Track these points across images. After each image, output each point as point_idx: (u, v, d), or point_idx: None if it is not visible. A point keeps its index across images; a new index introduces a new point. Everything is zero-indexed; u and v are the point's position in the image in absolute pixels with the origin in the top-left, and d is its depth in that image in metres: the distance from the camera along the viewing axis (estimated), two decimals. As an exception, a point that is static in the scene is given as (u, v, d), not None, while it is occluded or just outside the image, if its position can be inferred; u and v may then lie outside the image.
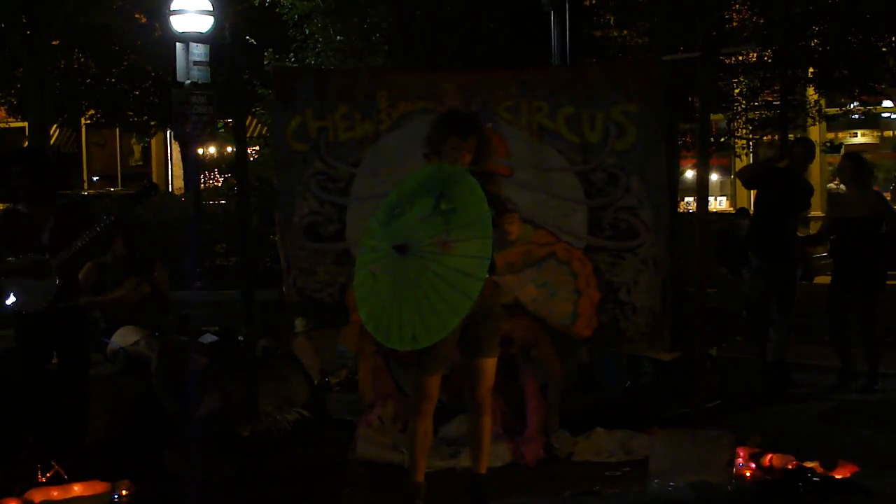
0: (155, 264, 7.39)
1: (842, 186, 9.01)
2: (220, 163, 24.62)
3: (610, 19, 16.65)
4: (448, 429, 6.15)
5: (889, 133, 21.83)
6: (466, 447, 5.30)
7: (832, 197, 8.31)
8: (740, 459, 5.44)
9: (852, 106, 19.20)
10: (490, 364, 4.97)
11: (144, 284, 7.15)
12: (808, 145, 8.29)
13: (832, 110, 19.10)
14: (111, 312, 7.08)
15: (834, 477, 5.28)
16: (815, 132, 19.71)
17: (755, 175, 8.13)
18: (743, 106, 17.50)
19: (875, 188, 8.71)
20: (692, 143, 15.30)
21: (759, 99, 17.84)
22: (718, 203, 20.58)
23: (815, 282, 8.37)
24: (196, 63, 13.60)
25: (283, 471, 5.78)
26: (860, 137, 21.60)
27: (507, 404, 6.19)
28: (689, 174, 17.90)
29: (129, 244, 7.24)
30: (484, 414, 5.01)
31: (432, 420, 4.99)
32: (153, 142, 26.82)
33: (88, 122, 24.20)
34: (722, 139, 18.00)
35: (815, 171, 19.84)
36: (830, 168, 20.78)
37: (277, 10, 16.06)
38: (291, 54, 16.01)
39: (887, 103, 20.53)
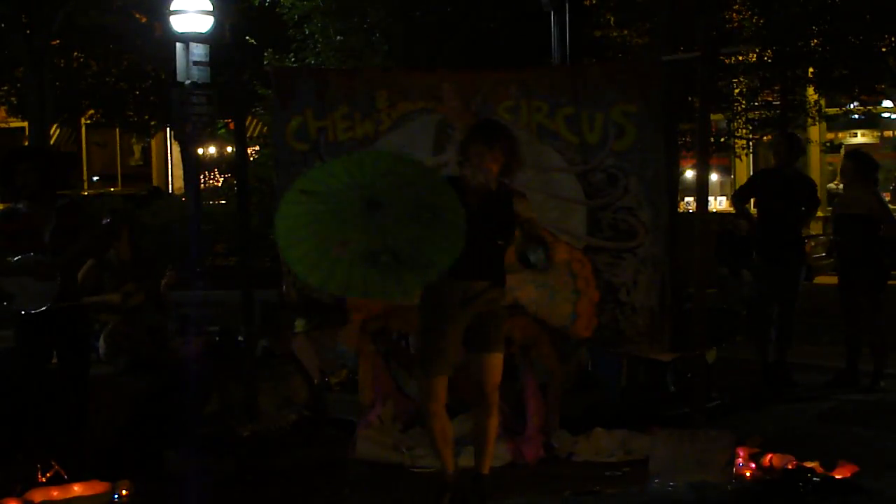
0: (156, 270, 7.38)
1: (840, 186, 8.96)
2: (220, 163, 24.65)
3: (610, 19, 16.67)
4: (448, 429, 6.15)
5: (889, 133, 21.81)
6: (467, 447, 5.29)
7: (837, 196, 8.24)
8: (740, 459, 5.43)
9: (852, 106, 19.18)
10: (497, 359, 4.99)
11: (140, 294, 7.14)
12: (789, 139, 8.21)
13: (832, 110, 19.08)
14: (98, 313, 7.08)
15: (834, 477, 5.28)
16: (815, 132, 19.72)
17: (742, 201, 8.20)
18: (743, 106, 17.51)
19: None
20: (692, 143, 15.30)
21: (759, 99, 17.84)
22: (718, 203, 20.58)
23: (815, 282, 8.35)
24: (196, 63, 13.58)
25: (283, 471, 5.78)
26: (860, 137, 21.57)
27: (507, 404, 6.18)
28: (689, 174, 17.90)
29: (135, 248, 7.24)
30: (491, 414, 5.01)
31: (446, 414, 5.02)
32: (153, 142, 26.86)
33: (88, 122, 24.22)
34: (722, 139, 18.00)
35: (815, 172, 19.84)
36: (831, 168, 20.76)
37: (277, 10, 16.06)
38: (291, 54, 16.01)
39: (887, 103, 20.51)
